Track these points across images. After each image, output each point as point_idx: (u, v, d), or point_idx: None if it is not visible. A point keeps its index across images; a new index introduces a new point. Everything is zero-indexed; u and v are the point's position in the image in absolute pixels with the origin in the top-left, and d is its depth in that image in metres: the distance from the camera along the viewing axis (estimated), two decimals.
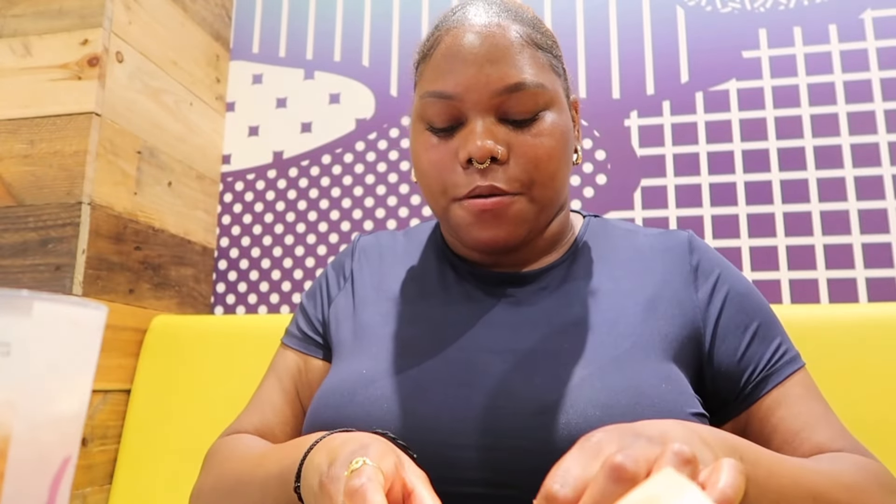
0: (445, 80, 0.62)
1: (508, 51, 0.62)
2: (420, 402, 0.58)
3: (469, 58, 0.62)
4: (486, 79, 0.61)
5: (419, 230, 0.79)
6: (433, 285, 0.70)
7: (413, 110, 0.69)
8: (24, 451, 0.25)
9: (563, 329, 0.61)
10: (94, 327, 0.29)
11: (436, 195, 0.65)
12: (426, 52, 0.66)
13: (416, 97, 0.67)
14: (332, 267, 0.78)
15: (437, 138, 0.64)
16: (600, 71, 1.28)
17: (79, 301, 0.27)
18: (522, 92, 0.61)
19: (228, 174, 1.42)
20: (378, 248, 0.77)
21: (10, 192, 1.08)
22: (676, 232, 0.70)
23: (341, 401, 0.60)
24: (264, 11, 1.48)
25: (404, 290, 0.70)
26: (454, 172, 0.62)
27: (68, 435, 0.28)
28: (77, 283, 1.02)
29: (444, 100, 0.63)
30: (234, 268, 1.37)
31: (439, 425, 0.56)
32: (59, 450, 0.27)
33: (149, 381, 1.12)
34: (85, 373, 0.29)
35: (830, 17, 1.20)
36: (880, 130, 1.14)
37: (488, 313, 0.64)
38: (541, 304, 0.64)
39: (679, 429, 0.40)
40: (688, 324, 0.62)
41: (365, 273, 0.74)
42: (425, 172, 0.65)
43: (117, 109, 1.12)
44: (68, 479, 0.28)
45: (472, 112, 0.62)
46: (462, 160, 0.61)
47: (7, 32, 1.13)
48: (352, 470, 0.41)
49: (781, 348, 0.63)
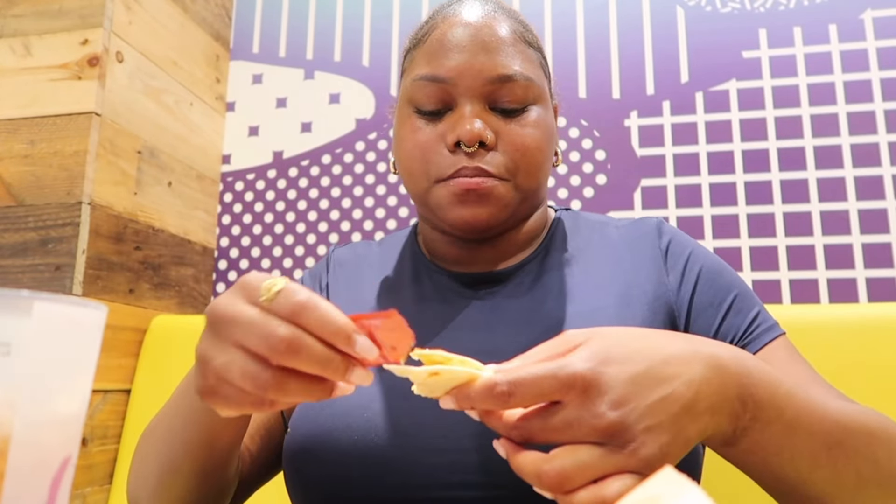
0: (439, 64, 0.63)
1: (502, 43, 0.64)
2: (401, 410, 0.57)
3: (464, 45, 0.63)
4: (480, 66, 0.62)
5: (395, 238, 0.78)
6: (408, 292, 0.69)
7: (400, 96, 0.69)
8: (24, 451, 0.25)
9: (540, 326, 0.60)
10: (94, 327, 0.29)
11: (417, 178, 0.64)
12: (419, 39, 0.67)
13: (406, 82, 0.67)
14: (309, 276, 0.78)
15: (425, 121, 0.64)
16: (600, 71, 1.28)
17: (79, 301, 0.27)
18: (514, 83, 0.62)
19: (228, 174, 1.42)
20: (354, 260, 0.76)
21: (10, 192, 1.08)
22: (646, 219, 0.70)
23: (320, 412, 0.59)
24: (264, 11, 1.48)
25: (379, 300, 0.69)
26: (439, 154, 0.63)
27: (68, 435, 0.28)
28: (77, 283, 1.02)
29: (435, 83, 0.63)
30: (234, 268, 1.37)
31: (422, 431, 0.55)
32: (59, 450, 0.27)
33: (149, 381, 1.12)
34: (85, 373, 0.29)
35: (830, 17, 1.20)
36: (880, 130, 1.14)
37: (464, 316, 0.64)
38: (516, 303, 0.64)
39: (683, 365, 0.41)
40: (662, 307, 0.62)
41: (340, 286, 0.73)
42: (410, 154, 0.65)
43: (117, 109, 1.12)
44: (68, 479, 0.28)
45: (462, 97, 0.63)
46: (450, 142, 0.62)
47: (7, 32, 1.13)
48: (274, 291, 0.39)
49: (759, 318, 0.62)
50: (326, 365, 0.39)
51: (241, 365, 0.39)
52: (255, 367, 0.39)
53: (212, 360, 0.40)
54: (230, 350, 0.39)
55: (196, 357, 0.42)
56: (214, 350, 0.40)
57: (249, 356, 0.39)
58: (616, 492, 0.37)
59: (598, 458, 0.38)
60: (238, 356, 0.39)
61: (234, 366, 0.39)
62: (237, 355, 0.39)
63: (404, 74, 0.69)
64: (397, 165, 0.69)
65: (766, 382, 0.44)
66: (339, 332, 0.38)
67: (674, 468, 0.25)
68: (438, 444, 0.55)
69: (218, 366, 0.40)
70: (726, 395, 0.41)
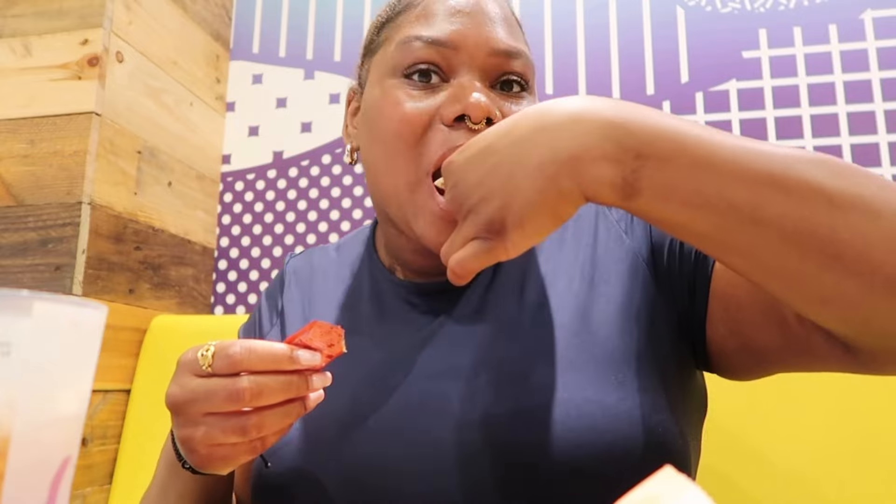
0: (440, 27, 0.55)
1: (509, 18, 0.58)
2: (371, 445, 0.52)
3: (468, 10, 0.56)
4: (488, 34, 0.55)
5: (353, 243, 0.71)
6: (367, 310, 0.62)
7: (374, 68, 0.59)
8: (24, 451, 0.25)
9: (504, 335, 0.55)
10: (94, 327, 0.29)
11: (402, 165, 0.54)
12: (407, 4, 0.59)
13: (388, 49, 0.58)
14: (266, 297, 0.72)
15: (415, 92, 0.55)
16: (600, 71, 1.28)
17: (79, 301, 0.27)
18: (519, 60, 0.56)
19: (228, 174, 1.42)
20: (309, 271, 0.70)
21: (10, 192, 1.08)
22: None
23: (285, 450, 0.55)
24: (264, 11, 1.48)
25: (336, 320, 0.63)
26: (435, 130, 0.53)
27: (68, 435, 0.28)
28: (77, 283, 1.02)
29: (435, 47, 0.54)
30: (234, 268, 1.37)
31: (405, 466, 0.51)
32: (59, 450, 0.27)
33: (149, 381, 1.12)
34: (85, 373, 0.29)
35: (830, 17, 1.20)
36: (880, 130, 1.14)
37: (428, 333, 0.58)
38: (478, 313, 0.58)
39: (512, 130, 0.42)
40: (635, 266, 0.57)
41: (295, 304, 0.67)
42: (397, 133, 0.54)
43: (117, 109, 1.12)
44: (68, 479, 0.28)
45: (464, 67, 0.55)
46: (450, 115, 0.53)
47: (7, 32, 1.13)
48: (210, 355, 0.44)
49: None
50: (289, 388, 0.43)
51: (220, 426, 0.43)
52: (232, 422, 0.43)
53: (194, 437, 0.44)
54: (204, 421, 0.44)
55: (179, 442, 0.46)
56: (190, 429, 0.44)
57: (222, 416, 0.43)
58: (458, 258, 0.44)
59: (454, 234, 0.45)
60: (213, 421, 0.43)
61: (214, 430, 0.43)
62: (212, 421, 0.43)
63: (382, 46, 0.59)
64: (370, 151, 0.58)
65: (655, 119, 0.39)
66: (281, 359, 0.43)
67: (672, 467, 0.25)
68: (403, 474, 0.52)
69: (201, 438, 0.44)
70: (583, 141, 0.38)
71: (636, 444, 0.48)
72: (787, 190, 0.36)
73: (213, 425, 0.43)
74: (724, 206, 0.37)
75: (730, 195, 0.37)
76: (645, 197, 0.39)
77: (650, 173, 0.38)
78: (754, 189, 0.37)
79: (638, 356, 0.53)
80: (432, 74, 0.55)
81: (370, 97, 0.59)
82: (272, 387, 0.43)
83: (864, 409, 0.80)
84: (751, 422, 0.83)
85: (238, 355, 0.43)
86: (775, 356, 0.52)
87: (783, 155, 0.38)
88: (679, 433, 0.52)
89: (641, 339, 0.54)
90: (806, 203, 0.36)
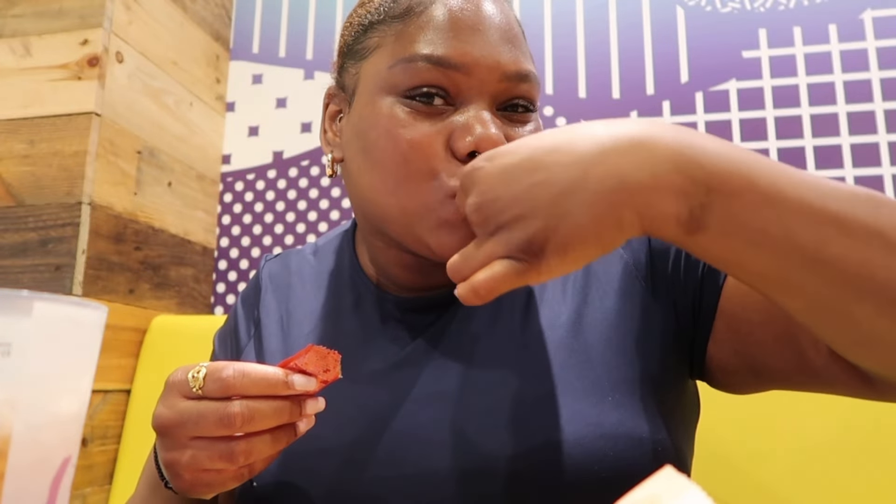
0: (448, 45, 0.50)
1: (519, 36, 0.54)
2: (357, 471, 0.51)
3: (480, 28, 0.51)
4: (498, 57, 0.51)
5: (330, 247, 0.66)
6: (349, 324, 0.59)
7: (366, 78, 0.54)
8: (24, 451, 0.25)
9: (496, 355, 0.54)
10: (94, 327, 0.29)
11: (413, 189, 0.50)
12: (408, 9, 0.53)
13: (384, 60, 0.53)
14: (242, 303, 0.67)
15: (418, 115, 0.51)
16: (600, 71, 1.28)
17: (79, 301, 0.27)
18: (529, 84, 0.53)
19: (228, 174, 1.42)
20: (286, 277, 0.66)
21: (10, 192, 1.08)
22: None
23: (271, 466, 0.53)
24: (264, 11, 1.48)
25: (317, 333, 0.60)
26: (447, 162, 0.50)
27: (68, 435, 0.28)
28: (77, 283, 1.02)
29: (443, 69, 0.50)
30: (234, 268, 1.37)
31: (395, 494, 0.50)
32: (59, 450, 0.27)
33: (149, 381, 1.12)
34: (85, 373, 0.29)
35: (830, 17, 1.20)
36: (880, 130, 1.14)
37: (413, 350, 0.55)
38: (468, 331, 0.55)
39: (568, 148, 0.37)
40: (627, 282, 0.56)
41: (272, 315, 0.63)
42: (405, 157, 0.50)
43: (117, 109, 1.12)
44: (68, 479, 0.28)
45: (473, 92, 0.51)
46: (464, 150, 0.49)
47: (7, 32, 1.13)
48: (201, 377, 0.42)
49: None
50: (281, 414, 0.42)
51: (208, 452, 0.42)
52: (220, 447, 0.42)
53: (179, 462, 0.43)
54: (192, 444, 0.42)
55: (163, 465, 0.45)
56: (177, 452, 0.43)
57: (210, 441, 0.42)
58: (485, 277, 0.38)
59: (472, 248, 0.40)
60: (201, 445, 0.42)
61: (201, 455, 0.42)
62: (199, 445, 0.42)
63: (374, 53, 0.54)
64: (363, 168, 0.53)
65: (722, 150, 0.37)
66: (275, 384, 0.41)
67: (672, 467, 0.25)
68: None
69: (187, 463, 0.42)
70: (652, 171, 0.36)
71: (638, 469, 0.48)
72: (849, 231, 0.36)
73: (200, 450, 0.42)
74: (788, 245, 0.36)
75: (794, 234, 0.36)
76: (710, 234, 0.37)
77: (719, 209, 0.36)
78: (818, 229, 0.36)
79: (633, 375, 0.52)
80: (436, 97, 0.51)
81: (365, 112, 0.54)
82: (264, 412, 0.41)
83: (865, 409, 0.80)
84: (744, 426, 0.83)
85: (231, 379, 0.41)
86: (782, 377, 0.51)
87: (846, 194, 0.37)
88: (674, 448, 0.52)
89: (637, 357, 0.53)
90: (867, 246, 0.36)
